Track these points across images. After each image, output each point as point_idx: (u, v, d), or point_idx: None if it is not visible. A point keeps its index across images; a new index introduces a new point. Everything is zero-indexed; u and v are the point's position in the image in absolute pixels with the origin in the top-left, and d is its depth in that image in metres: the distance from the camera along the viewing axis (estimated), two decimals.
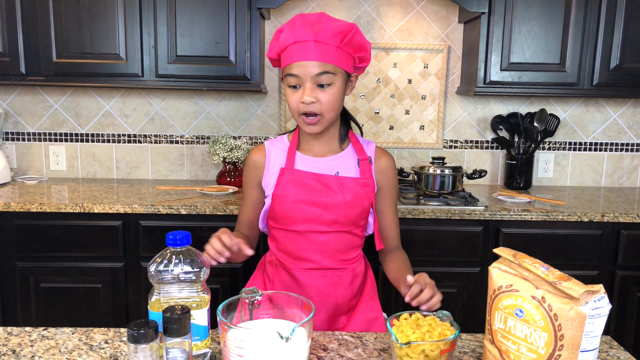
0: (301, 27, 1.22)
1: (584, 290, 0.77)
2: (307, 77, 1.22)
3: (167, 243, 0.89)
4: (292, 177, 1.33)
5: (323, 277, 1.36)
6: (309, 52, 1.21)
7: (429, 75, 2.60)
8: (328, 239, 1.34)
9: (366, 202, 1.35)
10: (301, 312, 0.91)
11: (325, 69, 1.22)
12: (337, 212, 1.31)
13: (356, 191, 1.33)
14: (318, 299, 1.35)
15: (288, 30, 1.24)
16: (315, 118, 1.26)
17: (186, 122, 2.62)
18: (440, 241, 2.10)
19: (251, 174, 1.40)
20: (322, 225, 1.32)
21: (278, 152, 1.37)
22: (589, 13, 2.23)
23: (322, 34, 1.21)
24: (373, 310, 1.39)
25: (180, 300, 0.88)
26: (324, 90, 1.24)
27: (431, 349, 0.83)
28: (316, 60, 1.21)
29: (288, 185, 1.32)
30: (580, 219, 2.07)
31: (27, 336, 1.02)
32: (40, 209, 2.04)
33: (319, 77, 1.22)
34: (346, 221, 1.33)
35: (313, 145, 1.37)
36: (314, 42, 1.21)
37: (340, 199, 1.31)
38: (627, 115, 2.65)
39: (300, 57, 1.21)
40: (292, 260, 1.37)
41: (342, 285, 1.37)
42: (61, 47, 2.22)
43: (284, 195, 1.32)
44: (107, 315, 2.13)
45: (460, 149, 2.67)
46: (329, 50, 1.22)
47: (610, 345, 1.03)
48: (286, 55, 1.25)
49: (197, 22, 2.20)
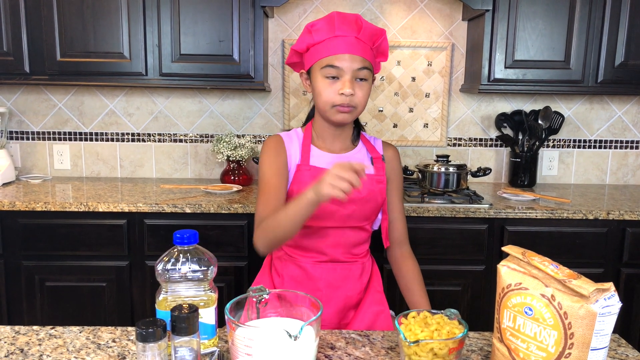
0: (341, 22, 1.26)
1: (594, 289, 0.76)
2: (349, 70, 1.25)
3: (174, 242, 0.89)
4: (308, 174, 1.33)
5: (334, 270, 1.36)
6: (352, 46, 1.25)
7: (432, 73, 2.60)
8: (342, 234, 1.35)
9: (380, 199, 1.38)
10: (309, 310, 0.91)
11: (365, 64, 1.27)
12: (352, 207, 1.33)
13: (371, 187, 1.36)
14: (327, 292, 1.35)
15: (325, 24, 1.27)
16: (349, 108, 1.28)
17: (190, 121, 2.62)
18: (445, 239, 2.09)
19: (279, 157, 1.34)
20: (337, 221, 1.33)
21: (293, 145, 1.37)
22: (593, 10, 2.22)
23: (363, 32, 1.27)
24: (379, 303, 1.40)
25: (188, 298, 0.88)
26: (361, 85, 1.28)
27: (440, 347, 0.83)
28: (360, 55, 1.26)
29: (305, 181, 1.32)
30: (586, 216, 2.06)
31: (34, 335, 1.02)
32: (45, 208, 2.04)
33: (359, 72, 1.26)
34: (360, 216, 1.35)
35: (329, 140, 1.38)
36: (355, 38, 1.26)
37: (356, 195, 1.31)
38: (632, 113, 2.64)
39: (345, 49, 1.25)
40: (303, 253, 1.37)
41: (351, 278, 1.38)
42: (65, 46, 2.22)
43: (300, 191, 1.29)
44: (112, 313, 2.13)
45: (464, 146, 2.67)
46: (367, 49, 1.28)
47: (618, 343, 1.03)
48: (324, 47, 1.27)
49: (200, 20, 2.20)
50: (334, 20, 1.26)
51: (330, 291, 1.36)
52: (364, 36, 1.27)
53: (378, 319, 1.37)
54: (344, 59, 1.25)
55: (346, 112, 1.28)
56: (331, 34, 1.26)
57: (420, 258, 2.09)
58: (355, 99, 1.27)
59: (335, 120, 1.31)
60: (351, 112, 1.29)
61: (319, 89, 1.29)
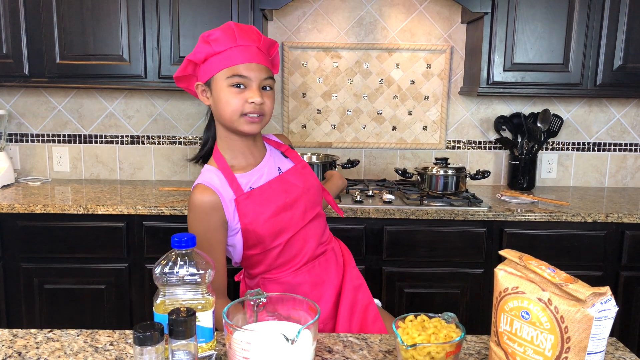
0: (241, 33, 1.25)
1: (591, 293, 0.76)
2: (257, 79, 1.24)
3: (172, 245, 0.89)
4: (249, 201, 1.27)
5: (313, 268, 1.37)
6: (256, 56, 1.25)
7: (431, 76, 2.60)
8: (307, 231, 1.35)
9: (314, 180, 1.40)
10: (307, 314, 0.91)
11: (269, 74, 1.28)
12: (301, 204, 1.33)
13: (302, 176, 1.37)
14: (316, 291, 1.36)
15: (224, 34, 1.24)
16: (259, 117, 1.26)
17: (189, 123, 2.62)
18: (444, 242, 2.09)
19: (213, 217, 1.24)
20: (297, 224, 1.32)
21: (219, 183, 1.27)
22: (592, 13, 2.23)
23: (263, 43, 1.28)
24: (357, 278, 1.44)
25: (186, 302, 0.88)
26: (267, 94, 1.28)
27: (437, 351, 0.83)
28: (264, 64, 1.26)
29: (249, 210, 1.26)
30: (584, 219, 2.07)
31: (32, 338, 1.02)
32: (44, 210, 2.04)
33: (266, 81, 1.26)
34: (311, 206, 1.36)
35: (247, 155, 1.33)
36: (256, 47, 1.26)
37: (297, 190, 1.33)
38: (631, 115, 2.65)
39: (250, 59, 1.24)
40: (279, 270, 1.35)
41: (331, 266, 1.40)
42: (64, 48, 2.23)
43: (251, 221, 1.26)
44: (111, 316, 2.13)
45: (463, 149, 2.67)
46: (267, 59, 1.30)
47: (616, 347, 1.03)
48: (227, 57, 1.23)
49: (200, 23, 2.20)
50: (233, 30, 1.25)
51: (318, 289, 1.36)
52: (263, 46, 1.28)
53: (358, 292, 1.40)
54: (251, 69, 1.23)
55: (255, 122, 1.26)
56: (233, 43, 1.23)
57: (419, 261, 2.11)
58: (264, 107, 1.26)
59: (245, 131, 1.26)
60: (261, 120, 1.27)
61: (225, 98, 1.24)
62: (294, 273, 1.35)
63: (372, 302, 1.42)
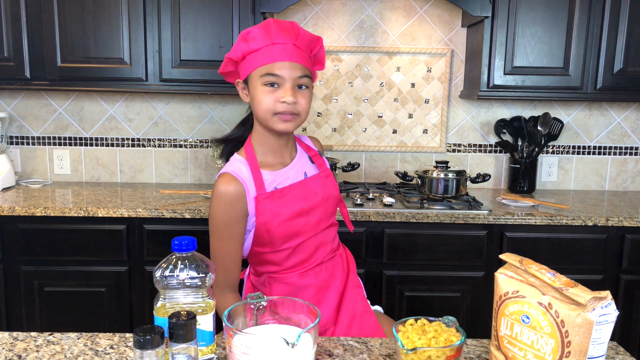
0: (278, 30, 1.24)
1: (591, 297, 0.76)
2: (290, 77, 1.23)
3: (172, 248, 0.89)
4: (269, 201, 1.27)
5: (320, 272, 1.36)
6: (291, 54, 1.23)
7: (432, 79, 2.61)
8: (318, 238, 1.35)
9: (335, 191, 1.39)
10: (307, 317, 0.91)
11: (305, 72, 1.25)
12: (317, 212, 1.33)
13: (323, 185, 1.36)
14: (319, 296, 1.36)
15: (261, 31, 1.24)
16: (291, 116, 1.25)
17: (190, 126, 2.62)
18: (444, 245, 2.09)
19: (237, 207, 1.24)
20: (311, 231, 1.32)
21: (247, 175, 1.28)
22: (592, 17, 2.23)
23: (301, 40, 1.25)
24: (357, 285, 1.44)
25: (186, 305, 0.88)
26: (302, 92, 1.26)
27: (437, 355, 0.83)
28: (299, 63, 1.24)
29: (267, 209, 1.27)
30: (585, 223, 2.06)
31: (32, 341, 1.02)
32: (45, 213, 2.04)
33: (300, 79, 1.24)
34: (327, 215, 1.36)
35: (276, 153, 1.33)
36: (293, 45, 1.23)
37: (315, 198, 1.33)
38: (631, 119, 2.65)
39: (284, 57, 1.22)
40: (287, 271, 1.35)
41: (338, 271, 1.40)
42: (66, 51, 2.23)
43: (267, 221, 1.26)
44: (111, 319, 2.13)
45: (463, 152, 2.67)
46: (306, 56, 1.27)
47: (616, 351, 1.03)
48: (262, 55, 1.23)
49: (201, 26, 2.21)
50: (270, 27, 1.24)
51: (323, 293, 1.37)
52: (302, 43, 1.25)
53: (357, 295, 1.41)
54: (284, 67, 1.22)
55: (289, 121, 1.25)
56: (269, 41, 1.23)
57: (419, 264, 2.11)
58: (298, 107, 1.24)
59: (278, 129, 1.26)
60: (294, 119, 1.26)
61: (258, 97, 1.24)
62: (301, 275, 1.35)
63: (370, 312, 1.42)
